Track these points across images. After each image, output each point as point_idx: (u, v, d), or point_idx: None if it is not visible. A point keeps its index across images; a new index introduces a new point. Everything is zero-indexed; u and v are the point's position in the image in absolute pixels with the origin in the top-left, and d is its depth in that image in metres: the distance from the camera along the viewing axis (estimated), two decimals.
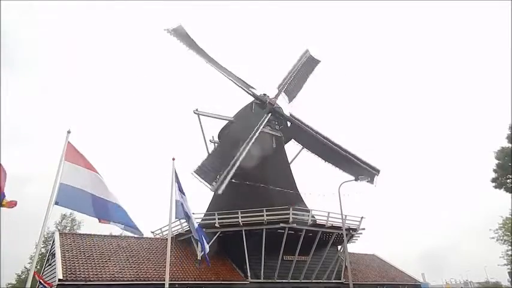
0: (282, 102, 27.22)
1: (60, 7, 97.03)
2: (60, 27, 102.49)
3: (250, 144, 22.42)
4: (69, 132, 8.73)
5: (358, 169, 25.01)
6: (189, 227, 12.34)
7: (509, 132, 22.51)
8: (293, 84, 28.27)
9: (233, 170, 20.75)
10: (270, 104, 26.09)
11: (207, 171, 20.62)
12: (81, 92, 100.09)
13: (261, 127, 24.23)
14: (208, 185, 20.00)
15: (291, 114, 27.02)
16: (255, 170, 23.68)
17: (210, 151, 27.03)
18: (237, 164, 21.09)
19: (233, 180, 20.89)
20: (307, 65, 29.79)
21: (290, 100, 27.64)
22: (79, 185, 8.13)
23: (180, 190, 12.12)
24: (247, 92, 26.33)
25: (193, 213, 21.06)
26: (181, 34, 25.03)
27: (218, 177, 20.22)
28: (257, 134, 23.41)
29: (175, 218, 12.24)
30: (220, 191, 19.80)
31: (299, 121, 26.78)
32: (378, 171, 26.33)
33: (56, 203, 7.81)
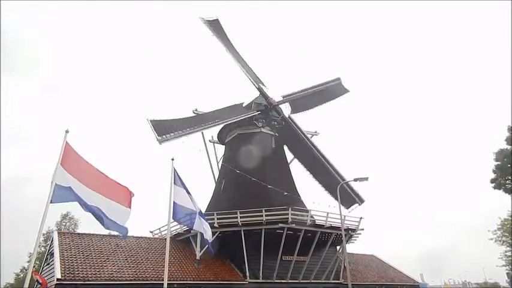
0: (284, 108, 26.98)
1: (60, 7, 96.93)
2: (60, 27, 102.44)
3: (226, 121, 22.86)
4: (67, 131, 8.68)
5: (344, 194, 24.08)
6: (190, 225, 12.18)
7: (508, 134, 22.56)
8: (307, 100, 27.69)
9: (191, 133, 20.95)
10: (270, 103, 26.03)
11: (163, 124, 20.45)
12: (81, 91, 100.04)
13: (250, 113, 24.47)
14: (156, 135, 19.56)
15: (289, 116, 26.76)
16: (254, 170, 23.70)
17: (210, 152, 27.09)
18: (199, 129, 21.51)
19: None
20: (332, 90, 29.26)
21: (294, 111, 27.13)
22: (73, 188, 8.16)
23: (185, 189, 12.05)
24: (254, 85, 26.18)
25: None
26: (215, 26, 26.23)
27: (171, 133, 20.03)
28: (240, 118, 23.75)
29: (173, 219, 12.18)
30: (161, 143, 19.46)
31: (296, 125, 26.36)
32: (362, 201, 25.72)
33: (51, 202, 7.82)
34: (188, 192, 12.08)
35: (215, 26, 26.42)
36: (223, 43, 25.94)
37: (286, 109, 26.74)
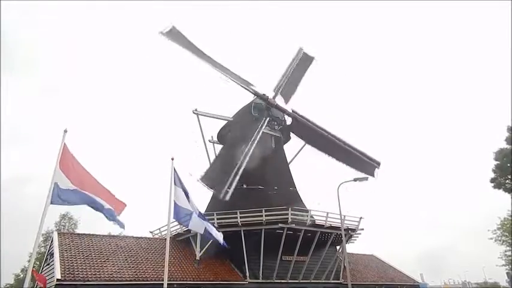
0: (280, 102, 27.13)
1: (60, 7, 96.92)
2: (60, 27, 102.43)
3: (253, 147, 22.45)
4: (65, 131, 8.67)
5: (360, 162, 25.45)
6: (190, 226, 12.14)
7: (508, 134, 22.61)
8: (289, 84, 27.99)
9: (238, 176, 20.72)
10: (270, 103, 26.04)
11: (212, 177, 20.69)
12: (81, 92, 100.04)
13: (263, 128, 24.26)
14: (217, 193, 19.96)
15: (292, 110, 26.89)
16: (254, 170, 23.68)
17: (209, 152, 27.05)
18: (241, 169, 21.06)
19: (244, 186, 20.82)
20: (302, 63, 29.44)
21: (287, 101, 27.41)
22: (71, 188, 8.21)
23: (183, 189, 12.05)
24: (248, 90, 26.09)
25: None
26: (175, 35, 24.67)
27: (224, 183, 20.15)
28: (259, 135, 23.45)
29: (173, 218, 12.18)
30: (227, 197, 19.68)
31: (301, 116, 26.57)
32: (379, 163, 26.55)
33: (52, 203, 7.82)
34: (186, 193, 12.09)
35: (177, 36, 24.63)
36: (199, 56, 24.54)
37: (281, 101, 26.94)
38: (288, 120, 27.41)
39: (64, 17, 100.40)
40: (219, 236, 12.26)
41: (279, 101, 26.94)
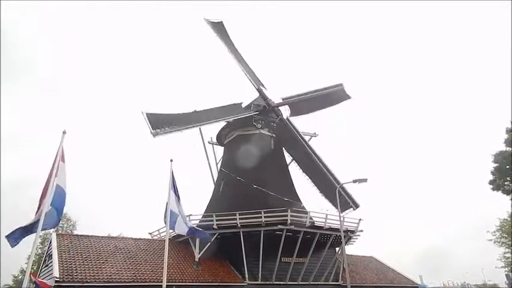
0: (283, 110, 26.89)
1: (59, 7, 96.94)
2: (60, 27, 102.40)
3: (223, 119, 23.19)
4: (64, 132, 8.67)
5: (339, 198, 22.19)
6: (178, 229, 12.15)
7: (507, 136, 22.66)
8: (307, 104, 27.69)
9: (187, 129, 21.04)
10: (269, 105, 26.03)
11: (159, 118, 20.54)
12: (80, 92, 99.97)
13: (247, 113, 24.65)
14: (151, 128, 19.70)
15: (287, 118, 26.67)
16: (253, 171, 23.70)
17: (208, 153, 27.06)
18: (196, 126, 21.63)
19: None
20: (335, 95, 29.27)
21: (293, 114, 27.09)
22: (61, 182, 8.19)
23: (175, 192, 12.10)
24: (254, 86, 26.20)
25: (191, 215, 21.18)
26: (219, 28, 26.61)
27: (166, 127, 20.13)
28: (238, 116, 23.94)
29: (169, 228, 12.23)
30: (156, 137, 19.60)
31: (293, 127, 26.22)
32: (357, 206, 25.58)
33: (51, 204, 7.80)
34: (177, 195, 12.19)
35: (219, 28, 26.77)
36: (227, 45, 26.26)
37: (285, 111, 26.72)
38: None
39: (64, 17, 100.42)
40: (205, 233, 12.37)
41: (284, 109, 26.75)
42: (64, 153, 8.44)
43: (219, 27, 26.79)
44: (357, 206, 25.59)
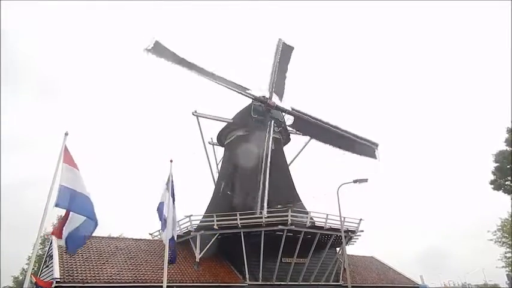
0: (276, 101, 27.22)
1: (59, 7, 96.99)
2: (59, 27, 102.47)
3: (268, 161, 23.31)
4: (66, 134, 8.72)
5: (360, 147, 28.09)
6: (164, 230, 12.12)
7: (507, 136, 22.66)
8: (279, 80, 28.19)
9: (266, 195, 21.38)
10: (270, 105, 26.08)
11: (242, 203, 21.78)
12: (80, 93, 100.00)
13: (271, 136, 24.72)
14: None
15: (292, 108, 27.25)
16: (254, 171, 23.70)
17: (209, 154, 27.06)
18: (266, 188, 21.73)
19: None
20: (284, 54, 29.62)
21: (281, 98, 27.67)
22: (78, 188, 8.20)
23: (173, 196, 12.14)
24: (245, 95, 26.30)
25: (191, 215, 21.17)
26: (160, 49, 23.79)
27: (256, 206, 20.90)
28: (270, 146, 24.16)
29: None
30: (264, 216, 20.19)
31: (301, 113, 27.28)
32: (377, 144, 28.90)
33: (56, 205, 7.82)
34: (173, 197, 12.23)
35: (163, 51, 23.84)
36: (190, 68, 24.40)
37: (276, 99, 27.17)
38: (288, 121, 27.45)
39: (64, 17, 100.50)
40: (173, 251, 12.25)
41: (276, 100, 27.10)
42: (71, 157, 8.49)
43: (163, 52, 23.78)
44: (376, 144, 29.05)
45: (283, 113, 27.04)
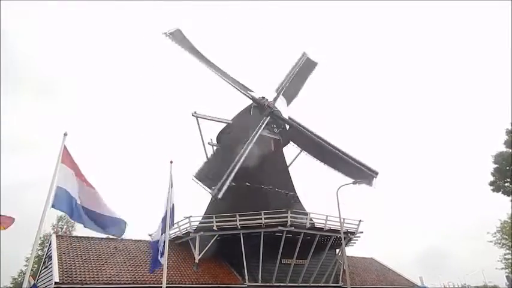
0: (281, 105, 27.33)
1: (59, 7, 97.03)
2: (59, 28, 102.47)
3: (249, 147, 22.55)
4: (65, 134, 8.70)
5: (357, 171, 25.26)
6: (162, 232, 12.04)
7: (507, 137, 22.66)
8: (291, 87, 28.47)
9: (232, 175, 20.91)
10: (269, 107, 26.12)
11: (206, 175, 20.90)
12: (79, 94, 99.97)
13: (260, 130, 24.29)
14: (208, 190, 20.22)
15: (289, 117, 27.14)
16: (253, 172, 23.69)
17: (208, 154, 27.06)
18: (236, 168, 21.25)
19: (233, 184, 21.00)
20: (305, 67, 30.08)
21: (288, 103, 27.85)
22: (73, 193, 8.19)
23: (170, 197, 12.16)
24: (246, 95, 26.43)
25: (191, 216, 21.14)
26: (179, 38, 25.15)
27: (218, 182, 20.30)
28: (256, 137, 23.50)
29: (172, 224, 12.24)
30: (219, 196, 19.82)
31: (297, 123, 26.95)
32: (376, 173, 26.36)
33: (52, 206, 7.80)
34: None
35: (178, 37, 25.06)
36: (201, 59, 25.01)
37: (282, 103, 27.16)
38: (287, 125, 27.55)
39: (64, 17, 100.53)
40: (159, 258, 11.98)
41: (280, 102, 27.13)
42: (71, 157, 8.46)
43: (180, 38, 25.10)
44: (376, 173, 26.31)
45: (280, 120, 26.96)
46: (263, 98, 26.93)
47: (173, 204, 11.99)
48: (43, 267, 19.59)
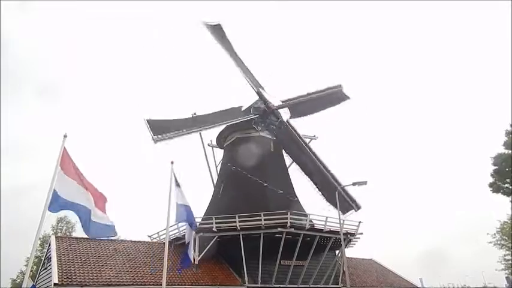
0: (284, 113, 26.80)
1: (59, 6, 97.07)
2: (59, 29, 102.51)
3: (223, 123, 23.08)
4: (65, 136, 8.71)
5: (341, 199, 22.32)
6: (186, 232, 12.24)
7: (506, 138, 22.67)
8: (308, 105, 27.46)
9: (188, 134, 21.20)
10: (269, 107, 26.05)
11: (160, 124, 20.83)
12: (80, 95, 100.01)
13: (247, 117, 24.48)
14: (152, 134, 19.88)
15: (287, 121, 26.76)
16: (253, 173, 23.70)
17: (208, 155, 27.07)
18: (196, 131, 21.74)
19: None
20: (335, 96, 28.97)
21: (295, 116, 26.97)
22: (69, 197, 8.23)
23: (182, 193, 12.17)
24: (253, 89, 26.22)
25: None
26: (217, 31, 26.31)
27: (167, 133, 20.31)
28: (238, 120, 23.89)
29: (175, 221, 12.26)
30: (158, 144, 19.78)
31: (294, 129, 26.30)
32: (359, 207, 25.33)
33: (49, 209, 7.83)
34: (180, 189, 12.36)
35: (217, 30, 26.41)
36: (226, 48, 25.98)
37: (285, 114, 26.74)
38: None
39: (64, 18, 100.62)
40: (189, 257, 12.30)
41: (284, 113, 26.69)
42: (71, 159, 8.47)
43: (217, 30, 26.49)
44: (358, 207, 25.38)
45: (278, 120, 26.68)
46: (266, 101, 26.68)
47: (178, 204, 12.04)
48: (42, 268, 19.59)
